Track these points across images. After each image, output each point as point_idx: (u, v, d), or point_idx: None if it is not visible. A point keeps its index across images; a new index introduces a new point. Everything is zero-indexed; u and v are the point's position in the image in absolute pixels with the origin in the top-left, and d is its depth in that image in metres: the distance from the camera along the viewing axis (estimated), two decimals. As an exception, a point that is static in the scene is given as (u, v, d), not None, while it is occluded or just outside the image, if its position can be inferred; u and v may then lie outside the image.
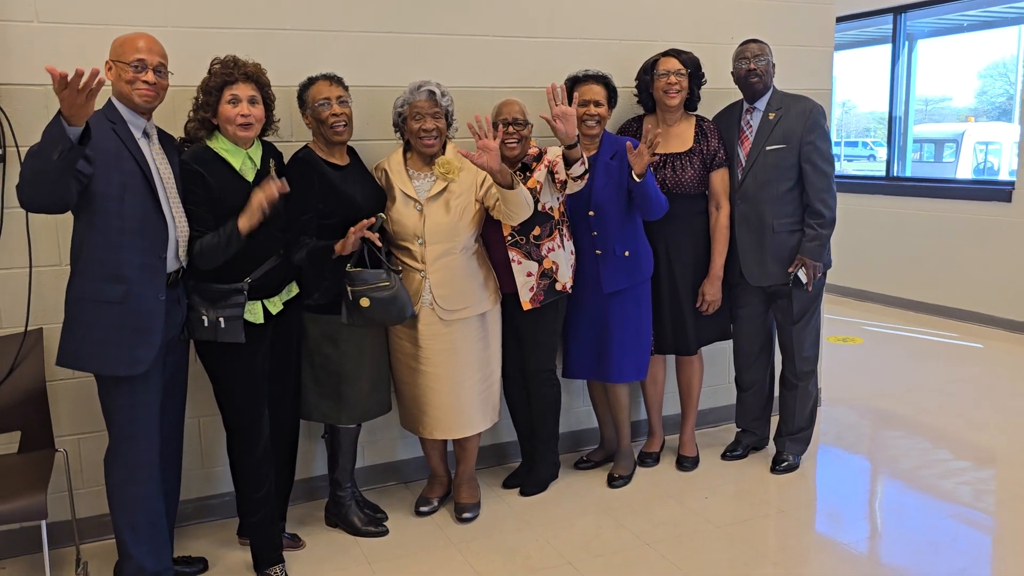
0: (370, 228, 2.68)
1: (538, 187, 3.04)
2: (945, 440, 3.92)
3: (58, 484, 2.82)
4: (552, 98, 2.78)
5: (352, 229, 2.67)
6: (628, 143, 3.03)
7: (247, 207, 2.51)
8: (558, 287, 3.14)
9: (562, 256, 3.14)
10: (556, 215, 3.12)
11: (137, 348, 2.39)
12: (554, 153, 3.03)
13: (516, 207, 2.82)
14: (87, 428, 2.93)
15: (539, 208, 3.04)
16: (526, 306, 3.09)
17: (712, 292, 3.40)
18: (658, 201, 3.13)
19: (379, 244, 2.71)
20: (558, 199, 3.12)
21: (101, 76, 2.04)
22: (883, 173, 7.05)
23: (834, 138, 3.58)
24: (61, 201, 2.23)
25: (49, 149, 2.09)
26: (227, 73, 2.57)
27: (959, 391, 4.67)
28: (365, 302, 2.70)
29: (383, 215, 2.78)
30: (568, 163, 2.89)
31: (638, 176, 3.01)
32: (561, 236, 3.15)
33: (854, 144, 14.51)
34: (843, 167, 13.38)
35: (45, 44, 2.75)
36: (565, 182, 2.98)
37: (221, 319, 2.56)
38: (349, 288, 2.72)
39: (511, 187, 2.76)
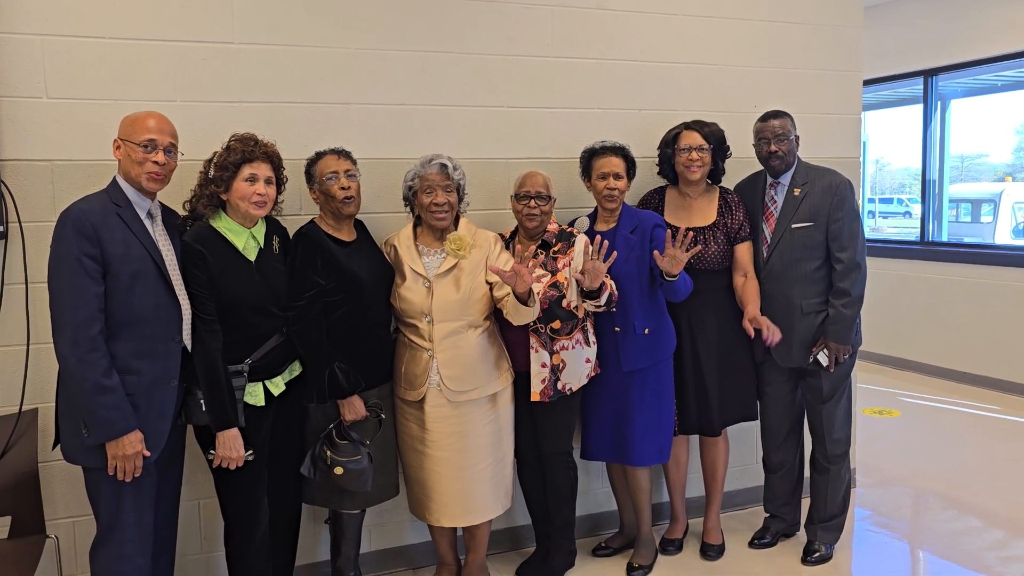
0: (375, 416, 2.79)
1: (565, 283, 2.93)
2: (996, 523, 3.66)
3: (49, 571, 2.71)
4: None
5: (359, 406, 2.74)
6: (655, 252, 2.90)
7: (221, 441, 2.47)
8: (559, 385, 2.97)
9: (575, 356, 2.98)
10: (581, 314, 2.99)
11: (147, 441, 2.32)
12: (576, 264, 2.94)
13: (524, 317, 2.75)
14: (82, 511, 2.81)
15: (563, 304, 2.93)
16: (535, 397, 2.94)
17: (762, 320, 3.09)
18: (686, 289, 3.01)
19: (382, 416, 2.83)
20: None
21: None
22: (918, 236, 6.84)
23: (868, 195, 3.40)
24: None
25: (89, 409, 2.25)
26: (248, 151, 2.52)
27: (1006, 469, 4.40)
28: (339, 470, 2.71)
29: (382, 408, 2.83)
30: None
31: (669, 278, 2.91)
32: (585, 333, 3.01)
33: (889, 200, 14.26)
34: (878, 224, 13.14)
35: (53, 120, 2.73)
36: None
37: (219, 403, 2.46)
38: (329, 453, 2.72)
39: (526, 303, 2.69)
